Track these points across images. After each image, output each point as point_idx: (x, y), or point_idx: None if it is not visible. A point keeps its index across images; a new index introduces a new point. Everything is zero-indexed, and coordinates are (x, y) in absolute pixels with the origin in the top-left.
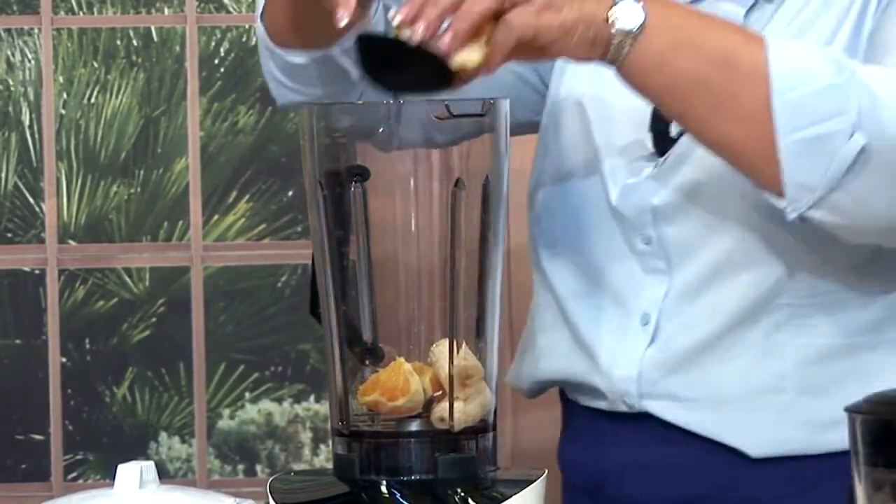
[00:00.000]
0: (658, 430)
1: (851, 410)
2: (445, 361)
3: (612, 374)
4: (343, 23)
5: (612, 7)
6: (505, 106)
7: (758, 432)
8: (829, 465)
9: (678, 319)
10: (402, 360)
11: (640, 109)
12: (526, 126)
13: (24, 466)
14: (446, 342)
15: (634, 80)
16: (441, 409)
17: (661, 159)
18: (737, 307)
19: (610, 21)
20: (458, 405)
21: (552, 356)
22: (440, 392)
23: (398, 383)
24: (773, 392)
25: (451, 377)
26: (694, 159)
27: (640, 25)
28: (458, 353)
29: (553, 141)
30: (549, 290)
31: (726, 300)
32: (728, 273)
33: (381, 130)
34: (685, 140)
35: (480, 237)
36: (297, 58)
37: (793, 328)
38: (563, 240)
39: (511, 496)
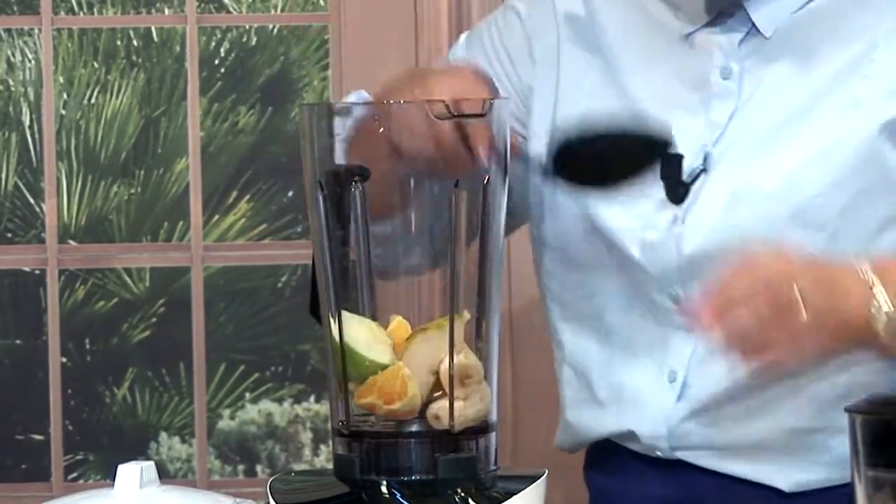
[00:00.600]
0: (691, 469)
1: (851, 410)
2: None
3: (642, 431)
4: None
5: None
6: (505, 106)
7: (790, 471)
8: None
9: (706, 374)
10: (400, 363)
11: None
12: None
13: (24, 466)
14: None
15: None
16: (437, 407)
17: (681, 213)
18: None
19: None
20: (456, 405)
21: (583, 426)
22: (440, 392)
23: (395, 387)
24: (804, 434)
25: (451, 377)
26: (716, 212)
27: None
28: (458, 352)
29: (551, 201)
30: (567, 358)
31: None
32: None
33: (381, 130)
34: (703, 190)
35: (480, 237)
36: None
37: (823, 370)
38: (578, 303)
39: (511, 496)
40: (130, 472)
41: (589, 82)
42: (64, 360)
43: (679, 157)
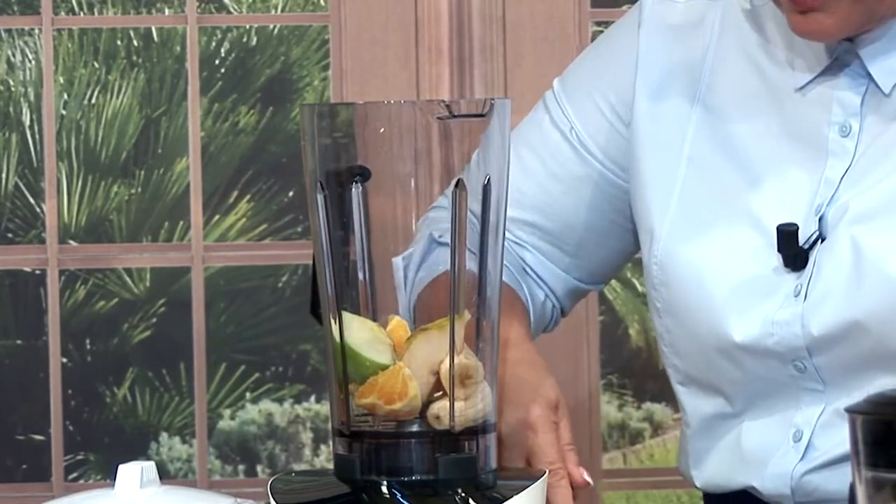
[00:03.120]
0: None
1: (851, 411)
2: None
3: (766, 488)
4: None
5: None
6: (505, 106)
7: None
8: None
9: (832, 434)
10: (401, 363)
11: (762, 248)
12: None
13: (24, 466)
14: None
15: None
16: (438, 407)
17: (802, 289)
18: None
19: None
20: (457, 405)
21: (703, 476)
22: (440, 392)
23: (396, 387)
24: None
25: (451, 377)
26: (838, 290)
27: None
28: (459, 352)
29: (666, 291)
30: (687, 416)
31: None
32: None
33: (381, 130)
34: (824, 261)
35: (480, 237)
36: None
37: None
38: (694, 370)
39: (511, 496)
40: (131, 473)
41: (691, 131)
42: (64, 360)
43: (794, 230)
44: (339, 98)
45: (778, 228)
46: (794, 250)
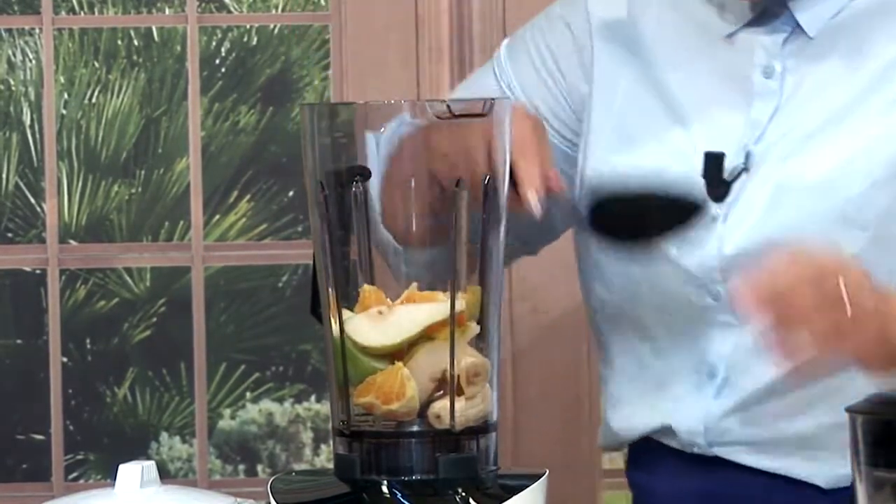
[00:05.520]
0: (730, 465)
1: (852, 410)
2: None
3: (680, 427)
4: (538, 206)
5: None
6: (505, 106)
7: (829, 468)
8: None
9: (745, 371)
10: (400, 364)
11: (689, 173)
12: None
13: (24, 466)
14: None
15: None
16: (439, 406)
17: (722, 211)
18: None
19: None
20: (458, 405)
21: (624, 424)
22: (441, 392)
23: (394, 387)
24: (841, 428)
25: (451, 377)
26: (758, 210)
27: None
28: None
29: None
30: (608, 357)
31: None
32: None
33: (381, 130)
34: (745, 189)
35: (481, 237)
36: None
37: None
38: (617, 301)
39: (511, 496)
40: (131, 472)
41: (625, 81)
42: (64, 359)
43: (720, 156)
44: (340, 98)
45: (706, 154)
46: (717, 175)
